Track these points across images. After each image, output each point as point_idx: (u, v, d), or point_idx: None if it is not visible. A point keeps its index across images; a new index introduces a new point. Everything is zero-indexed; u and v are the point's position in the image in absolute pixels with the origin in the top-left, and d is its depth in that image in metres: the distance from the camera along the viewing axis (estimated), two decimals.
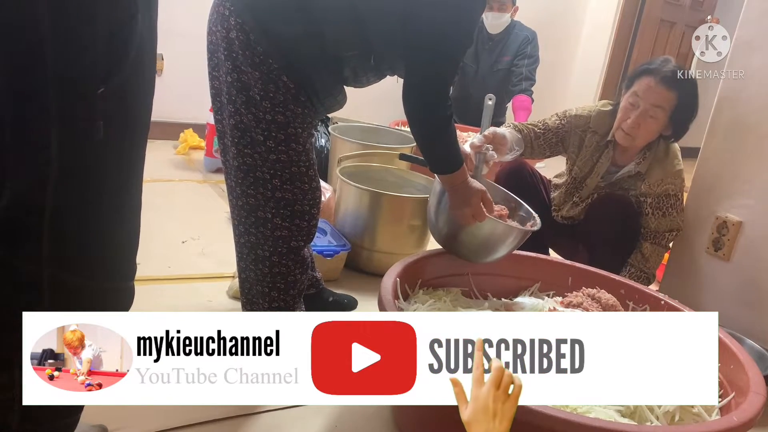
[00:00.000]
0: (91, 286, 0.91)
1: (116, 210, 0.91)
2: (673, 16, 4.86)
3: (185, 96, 3.34)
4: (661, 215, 1.97)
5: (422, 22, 1.35)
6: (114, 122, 0.85)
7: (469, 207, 1.50)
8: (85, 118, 0.81)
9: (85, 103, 0.81)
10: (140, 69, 0.88)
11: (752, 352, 1.67)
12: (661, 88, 1.87)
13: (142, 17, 0.85)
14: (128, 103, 0.88)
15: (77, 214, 0.85)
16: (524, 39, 3.49)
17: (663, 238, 1.99)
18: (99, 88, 0.81)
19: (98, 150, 0.84)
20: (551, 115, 2.10)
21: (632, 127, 1.90)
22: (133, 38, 0.84)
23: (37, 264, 0.84)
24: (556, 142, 2.06)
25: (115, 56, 0.82)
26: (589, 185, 2.05)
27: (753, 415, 1.16)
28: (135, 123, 0.91)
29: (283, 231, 1.48)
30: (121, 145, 0.89)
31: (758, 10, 1.92)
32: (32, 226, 0.83)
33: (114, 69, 0.83)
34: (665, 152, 1.98)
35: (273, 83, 1.37)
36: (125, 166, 0.91)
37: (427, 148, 1.48)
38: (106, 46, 0.81)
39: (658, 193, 1.97)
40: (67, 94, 0.79)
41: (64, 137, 0.81)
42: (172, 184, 2.86)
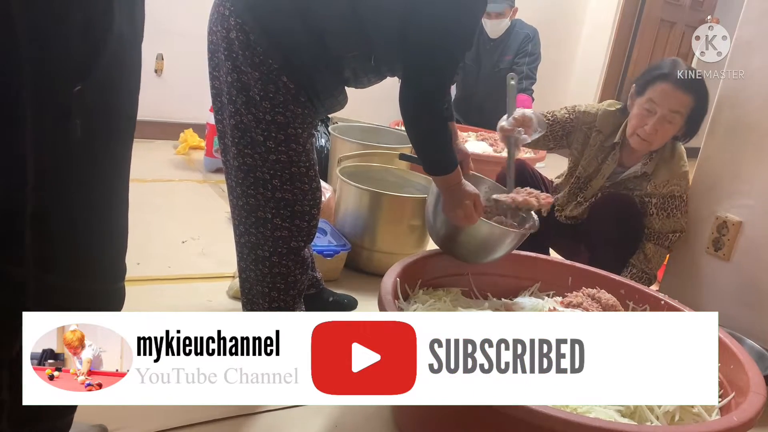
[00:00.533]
0: (78, 287, 0.90)
1: (101, 209, 0.90)
2: (673, 16, 4.86)
3: (185, 96, 3.34)
4: (665, 216, 1.97)
5: (422, 21, 1.35)
6: (94, 119, 0.83)
7: (461, 209, 1.49)
8: (60, 116, 0.80)
9: (61, 102, 0.79)
10: (121, 63, 0.85)
11: (752, 352, 1.67)
12: (678, 93, 1.86)
13: (120, 10, 0.82)
14: (109, 99, 0.86)
15: (60, 214, 0.84)
16: (525, 37, 3.49)
17: (666, 239, 1.99)
18: (75, 85, 0.79)
19: (78, 149, 0.82)
20: (560, 108, 2.11)
21: (650, 134, 1.89)
22: (110, 32, 0.81)
23: (21, 266, 0.83)
24: (562, 135, 2.07)
25: (92, 51, 0.80)
26: (594, 186, 2.05)
27: (753, 415, 1.16)
28: (118, 119, 0.88)
29: (283, 231, 1.48)
30: (102, 142, 0.86)
31: (758, 10, 1.92)
32: (14, 228, 0.81)
33: (91, 64, 0.80)
34: (671, 153, 1.98)
35: (273, 83, 1.37)
36: (108, 164, 0.89)
37: (420, 148, 1.47)
38: (81, 42, 0.79)
39: (664, 193, 1.96)
40: (41, 93, 0.78)
41: (40, 137, 0.79)
42: (172, 184, 2.86)
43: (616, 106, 2.05)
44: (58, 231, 0.85)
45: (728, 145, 2.00)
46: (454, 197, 1.50)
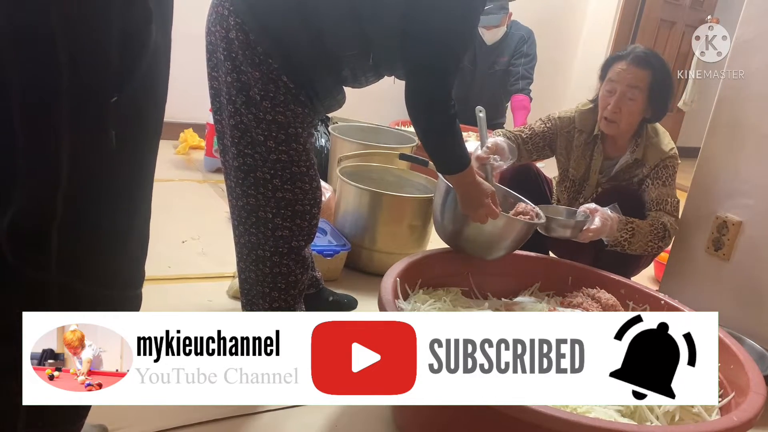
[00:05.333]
0: (101, 294, 0.91)
1: (127, 217, 0.91)
2: (673, 16, 4.86)
3: (185, 96, 3.33)
4: (661, 185, 1.95)
5: (424, 20, 1.35)
6: (127, 130, 0.84)
7: (482, 207, 1.50)
8: (97, 127, 0.81)
9: (98, 113, 0.80)
10: (155, 74, 0.87)
11: (752, 352, 1.67)
12: (633, 68, 1.89)
13: (157, 24, 0.84)
14: (142, 112, 0.87)
15: (88, 222, 0.85)
16: (520, 38, 3.50)
17: (666, 204, 1.94)
18: (112, 96, 0.81)
19: (110, 159, 0.84)
20: (536, 120, 2.13)
21: (614, 112, 1.91)
22: (147, 46, 0.83)
23: (46, 271, 0.84)
24: (543, 145, 2.10)
25: (129, 64, 0.82)
26: (590, 184, 2.06)
27: (753, 415, 1.16)
28: (148, 128, 0.90)
29: (284, 231, 1.48)
30: (133, 153, 0.88)
31: (758, 10, 1.92)
32: (42, 234, 0.82)
33: (128, 76, 0.82)
34: (655, 134, 1.99)
35: (273, 83, 1.37)
36: (137, 173, 0.91)
37: (432, 149, 1.47)
38: (119, 54, 0.80)
39: (658, 167, 1.97)
40: (79, 103, 0.79)
41: (76, 147, 0.80)
42: (172, 184, 2.86)
43: (590, 103, 2.08)
44: (86, 238, 0.86)
45: (728, 145, 2.00)
46: (472, 196, 1.50)
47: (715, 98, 2.03)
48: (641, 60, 1.90)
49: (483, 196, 1.50)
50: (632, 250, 1.87)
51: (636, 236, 1.85)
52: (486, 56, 3.53)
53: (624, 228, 1.84)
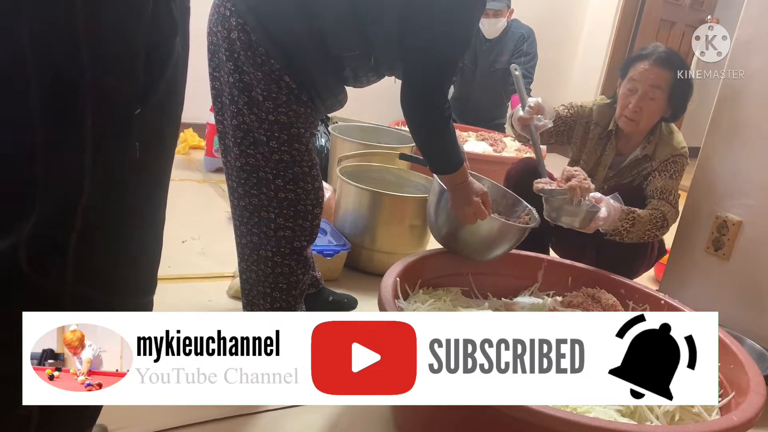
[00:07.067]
0: (114, 301, 0.90)
1: (144, 226, 0.91)
2: (673, 16, 4.86)
3: (185, 96, 3.34)
4: (668, 177, 1.94)
5: (421, 22, 1.35)
6: (149, 142, 0.84)
7: (470, 206, 1.50)
8: (121, 139, 0.80)
9: (122, 125, 0.80)
10: (175, 85, 0.87)
11: (752, 352, 1.67)
12: (656, 68, 1.89)
13: (180, 37, 0.84)
14: (162, 121, 0.87)
15: (106, 233, 0.85)
16: (520, 37, 3.51)
17: (670, 194, 1.93)
18: (136, 109, 0.80)
19: (131, 171, 0.83)
20: (559, 105, 2.13)
21: (635, 112, 1.91)
22: (171, 59, 0.83)
23: (61, 281, 0.83)
24: (564, 130, 2.10)
25: (153, 76, 0.81)
26: (598, 178, 2.05)
27: (753, 415, 1.16)
28: (166, 142, 0.90)
29: (286, 231, 1.48)
30: (153, 162, 0.88)
31: (758, 10, 1.92)
32: (61, 245, 0.81)
33: (151, 90, 0.81)
34: (669, 133, 1.99)
35: (275, 83, 1.37)
36: (155, 183, 0.91)
37: (426, 149, 1.48)
38: (144, 67, 0.80)
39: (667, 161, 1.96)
40: (103, 116, 0.78)
41: (98, 160, 0.79)
42: (172, 184, 2.82)
43: (608, 99, 2.08)
44: (103, 247, 0.85)
45: (728, 145, 2.00)
46: (462, 195, 1.50)
47: (715, 98, 2.03)
48: (664, 60, 1.90)
49: (472, 195, 1.50)
50: (629, 239, 1.86)
51: (636, 225, 1.84)
52: (486, 55, 3.53)
53: (626, 218, 1.83)
